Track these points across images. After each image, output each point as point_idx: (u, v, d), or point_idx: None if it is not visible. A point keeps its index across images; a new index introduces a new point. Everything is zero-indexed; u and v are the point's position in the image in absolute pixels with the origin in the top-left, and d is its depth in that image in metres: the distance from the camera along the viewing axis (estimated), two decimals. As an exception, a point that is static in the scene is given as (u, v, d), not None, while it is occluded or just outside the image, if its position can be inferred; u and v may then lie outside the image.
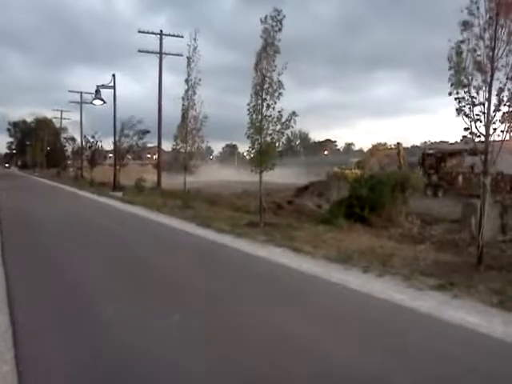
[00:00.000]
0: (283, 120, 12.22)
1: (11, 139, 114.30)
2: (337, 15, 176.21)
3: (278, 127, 12.29)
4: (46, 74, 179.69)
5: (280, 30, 12.20)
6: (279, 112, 12.23)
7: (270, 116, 12.30)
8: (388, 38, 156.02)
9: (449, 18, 7.31)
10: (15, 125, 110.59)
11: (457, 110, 7.30)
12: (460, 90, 7.26)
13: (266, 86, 12.24)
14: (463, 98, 7.24)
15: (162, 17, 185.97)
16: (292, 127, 12.40)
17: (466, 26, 7.09)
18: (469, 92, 7.16)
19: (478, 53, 7.06)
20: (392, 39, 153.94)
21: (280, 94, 12.26)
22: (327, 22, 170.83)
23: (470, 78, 7.13)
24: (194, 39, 18.55)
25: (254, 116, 12.45)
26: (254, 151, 12.70)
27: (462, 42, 7.13)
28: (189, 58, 18.35)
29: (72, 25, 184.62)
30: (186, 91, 18.42)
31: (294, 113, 12.26)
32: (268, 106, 12.28)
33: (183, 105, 18.52)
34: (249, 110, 12.55)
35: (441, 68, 7.50)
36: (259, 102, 12.35)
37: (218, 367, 3.89)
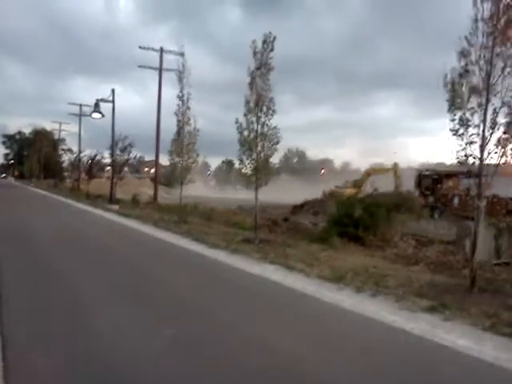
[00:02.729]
0: (271, 135, 12.34)
1: (8, 151, 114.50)
2: (343, 33, 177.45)
3: (268, 144, 12.39)
4: (45, 84, 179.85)
5: (272, 50, 12.39)
6: (272, 128, 12.32)
7: (263, 134, 12.38)
8: (392, 57, 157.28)
9: (451, 41, 7.39)
10: (10, 137, 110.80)
11: (451, 130, 7.39)
12: (456, 112, 7.35)
13: (260, 104, 12.34)
14: (460, 119, 7.32)
15: (165, 29, 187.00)
16: (279, 141, 12.48)
17: (464, 54, 7.20)
18: (464, 114, 7.24)
19: (473, 79, 7.15)
20: (396, 59, 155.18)
21: (273, 111, 12.38)
22: (332, 39, 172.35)
23: (465, 100, 7.22)
24: (182, 54, 18.99)
25: (246, 133, 12.51)
26: (248, 168, 12.75)
27: (466, 71, 7.21)
28: (180, 73, 18.62)
29: (72, 35, 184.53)
30: (180, 107, 18.61)
31: (275, 127, 12.39)
32: (263, 124, 12.36)
33: (178, 120, 18.70)
34: (238, 127, 12.62)
35: (441, 89, 7.58)
36: (254, 119, 12.42)
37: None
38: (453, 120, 7.40)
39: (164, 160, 30.72)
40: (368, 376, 4.13)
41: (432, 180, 29.60)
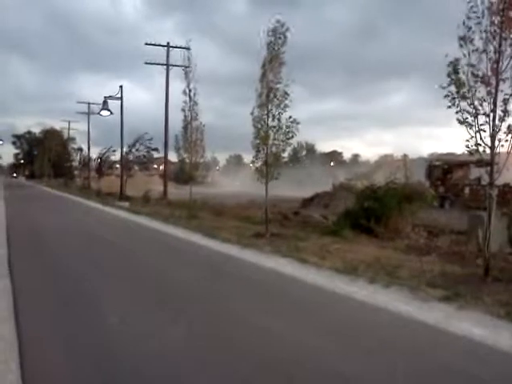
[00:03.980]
0: (285, 129, 12.28)
1: (18, 150, 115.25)
2: (351, 22, 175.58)
3: (282, 137, 12.33)
4: (53, 82, 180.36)
5: (284, 43, 12.29)
6: (280, 121, 12.28)
7: (275, 127, 12.35)
8: (402, 46, 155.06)
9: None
10: (19, 137, 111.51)
11: (458, 120, 7.36)
12: (462, 103, 7.31)
13: (271, 97, 12.30)
14: (465, 110, 7.29)
15: (171, 22, 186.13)
16: (295, 135, 12.45)
17: (464, 41, 7.16)
18: (472, 104, 7.19)
19: (481, 66, 7.10)
20: (406, 47, 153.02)
21: (286, 105, 12.32)
22: (341, 29, 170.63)
23: (473, 90, 7.17)
24: (188, 48, 18.90)
25: (260, 126, 12.50)
26: (259, 162, 12.76)
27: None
28: (185, 69, 18.57)
29: (79, 31, 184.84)
30: (188, 102, 18.59)
31: (294, 120, 12.33)
32: (273, 117, 12.34)
33: (185, 116, 18.70)
34: (253, 120, 12.62)
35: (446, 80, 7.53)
36: (265, 113, 12.41)
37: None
38: (458, 111, 7.37)
39: (173, 157, 30.78)
40: (383, 365, 4.14)
41: (442, 170, 29.42)
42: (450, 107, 7.43)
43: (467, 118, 7.31)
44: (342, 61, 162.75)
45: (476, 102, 7.20)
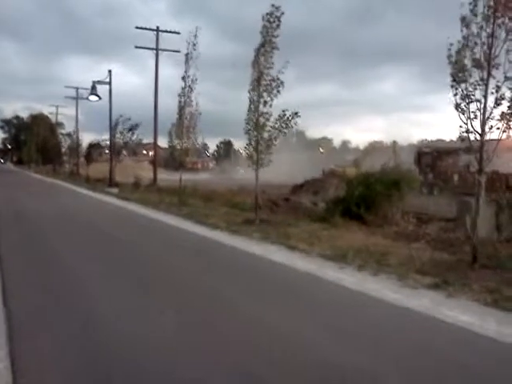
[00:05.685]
0: (284, 119, 12.19)
1: (5, 135, 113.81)
2: (346, 6, 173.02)
3: (278, 125, 12.25)
4: (41, 65, 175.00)
5: (278, 26, 12.16)
6: (283, 111, 12.20)
7: (267, 113, 12.27)
8: (397, 31, 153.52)
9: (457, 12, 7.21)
10: (7, 122, 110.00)
11: (455, 104, 7.31)
12: (458, 86, 7.27)
13: (263, 82, 12.21)
14: (461, 93, 7.26)
15: (165, 3, 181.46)
16: (292, 127, 12.43)
17: (464, 21, 7.10)
18: (466, 88, 7.16)
19: (476, 50, 7.06)
20: (402, 33, 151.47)
21: (278, 91, 12.23)
22: (335, 12, 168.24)
23: (468, 74, 7.13)
24: (195, 36, 18.39)
25: (252, 113, 12.41)
26: (251, 148, 12.68)
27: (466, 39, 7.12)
28: (187, 55, 18.19)
29: (70, 11, 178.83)
30: (183, 88, 18.30)
31: (296, 113, 12.26)
32: (265, 103, 12.25)
33: (180, 101, 18.43)
34: (249, 106, 12.51)
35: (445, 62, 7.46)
36: (256, 98, 12.32)
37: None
38: (455, 95, 7.33)
39: (162, 142, 30.59)
40: (371, 352, 4.14)
41: (432, 157, 29.57)
42: (452, 86, 7.35)
43: (461, 103, 7.29)
44: (334, 45, 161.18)
45: (470, 87, 7.18)
